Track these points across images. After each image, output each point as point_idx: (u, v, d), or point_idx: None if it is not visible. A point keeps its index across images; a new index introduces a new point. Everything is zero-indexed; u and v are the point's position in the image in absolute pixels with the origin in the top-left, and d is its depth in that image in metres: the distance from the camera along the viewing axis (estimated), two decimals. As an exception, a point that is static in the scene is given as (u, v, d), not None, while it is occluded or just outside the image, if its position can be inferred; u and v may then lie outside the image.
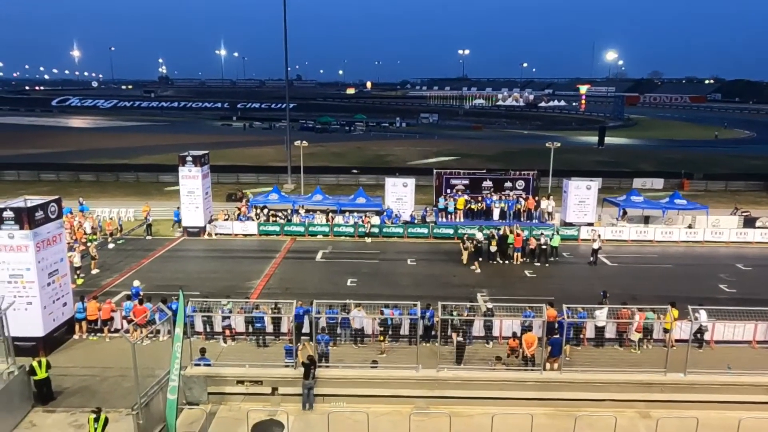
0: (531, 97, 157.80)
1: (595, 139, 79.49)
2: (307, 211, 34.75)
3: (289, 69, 49.40)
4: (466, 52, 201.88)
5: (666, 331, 18.47)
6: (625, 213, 34.24)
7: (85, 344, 19.11)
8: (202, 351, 16.35)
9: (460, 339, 17.63)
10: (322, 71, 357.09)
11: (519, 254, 28.16)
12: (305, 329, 18.47)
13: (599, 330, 19.12)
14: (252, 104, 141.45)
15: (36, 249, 17.53)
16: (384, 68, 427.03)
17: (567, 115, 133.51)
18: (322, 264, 28.34)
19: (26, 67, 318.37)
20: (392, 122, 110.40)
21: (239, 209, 34.25)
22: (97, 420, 12.93)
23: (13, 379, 14.66)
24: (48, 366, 15.44)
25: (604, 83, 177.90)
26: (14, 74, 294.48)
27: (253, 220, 33.11)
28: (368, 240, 31.90)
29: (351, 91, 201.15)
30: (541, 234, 28.83)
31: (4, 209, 17.29)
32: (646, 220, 34.58)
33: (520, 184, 36.12)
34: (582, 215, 33.43)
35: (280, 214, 34.04)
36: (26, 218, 17.23)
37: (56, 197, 19.06)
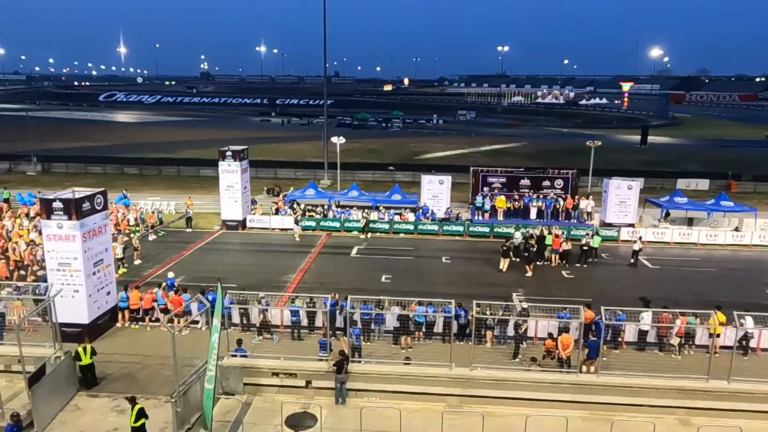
0: (571, 94, 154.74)
1: (637, 138, 77.55)
2: (343, 207, 34.99)
3: (327, 66, 49.77)
4: (506, 48, 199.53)
5: (711, 336, 17.89)
6: (668, 214, 33.30)
7: (127, 332, 19.72)
8: (239, 342, 16.65)
9: (521, 330, 17.93)
10: (359, 68, 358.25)
11: (556, 256, 27.65)
12: (339, 323, 18.65)
13: (641, 333, 18.66)
14: (290, 100, 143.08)
15: (83, 239, 18.15)
16: (422, 65, 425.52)
17: (608, 113, 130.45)
18: (357, 260, 28.50)
19: (75, 63, 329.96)
20: (429, 119, 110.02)
21: (276, 204, 34.71)
22: (132, 409, 13.32)
23: (60, 364, 15.21)
24: (93, 352, 15.97)
25: (648, 81, 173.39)
26: (64, 70, 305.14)
27: (290, 215, 33.48)
28: (367, 236, 31.82)
29: (388, 87, 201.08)
30: (587, 234, 28.32)
31: (54, 200, 17.95)
32: (690, 222, 33.54)
33: (559, 183, 35.50)
34: (623, 216, 32.66)
35: (317, 209, 34.36)
36: (74, 209, 17.85)
37: (102, 189, 19.69)
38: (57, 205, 17.90)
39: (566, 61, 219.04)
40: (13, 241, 25.86)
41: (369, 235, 31.99)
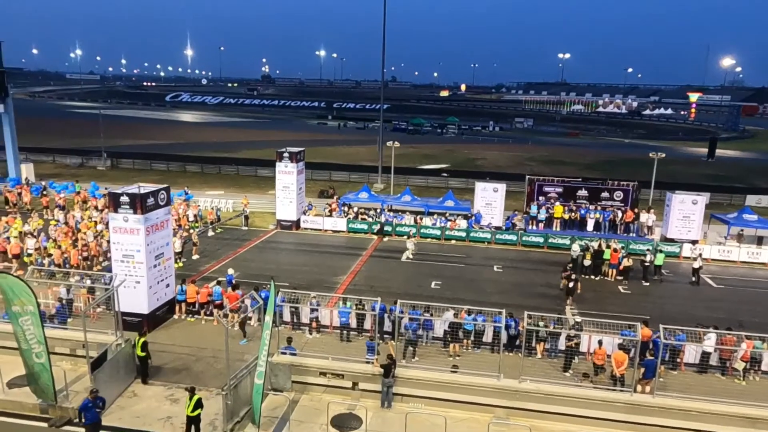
0: (634, 104, 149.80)
1: (704, 150, 74.34)
2: (395, 211, 35.10)
3: (384, 71, 50.14)
4: (567, 55, 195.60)
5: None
6: (741, 233, 31.36)
7: (183, 324, 20.39)
8: (289, 340, 16.95)
9: (571, 344, 17.49)
10: (416, 73, 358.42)
11: (614, 271, 26.65)
12: (387, 327, 18.68)
13: (704, 355, 17.76)
14: (347, 104, 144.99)
15: (146, 232, 18.92)
16: (480, 71, 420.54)
17: (674, 124, 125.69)
18: (407, 264, 28.48)
19: (145, 64, 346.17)
20: (485, 126, 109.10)
21: (330, 206, 35.19)
22: (191, 399, 13.73)
23: (120, 351, 15.90)
24: (143, 347, 16.16)
25: (718, 91, 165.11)
26: (135, 71, 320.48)
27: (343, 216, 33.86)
28: (386, 239, 31.83)
29: (445, 93, 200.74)
30: (648, 250, 27.30)
31: (121, 194, 18.81)
32: (760, 240, 31.77)
33: (618, 195, 34.39)
34: (685, 231, 31.31)
35: (370, 212, 34.62)
36: (139, 204, 18.65)
37: (165, 186, 20.44)
38: (124, 199, 18.73)
39: (630, 70, 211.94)
40: (82, 231, 27.27)
41: (386, 238, 32.26)
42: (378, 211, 34.85)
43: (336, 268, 27.01)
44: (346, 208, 34.80)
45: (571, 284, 23.02)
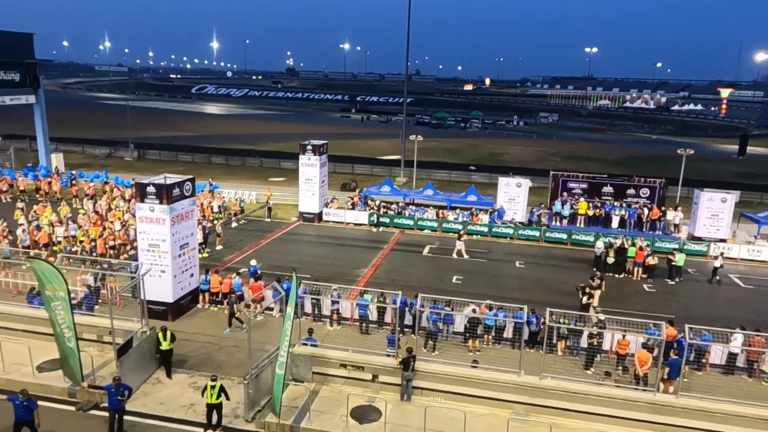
0: (663, 99, 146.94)
1: (735, 147, 72.62)
2: (417, 205, 35.04)
3: (408, 64, 49.96)
4: (594, 50, 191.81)
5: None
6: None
7: (207, 314, 20.70)
8: (310, 331, 17.07)
9: (593, 341, 17.32)
10: (441, 67, 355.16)
11: (639, 269, 26.16)
12: (407, 321, 18.71)
13: (730, 356, 17.42)
14: (371, 97, 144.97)
15: (171, 222, 19.22)
16: (505, 65, 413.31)
17: (704, 120, 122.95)
18: (428, 259, 28.45)
19: (172, 57, 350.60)
20: (509, 120, 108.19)
21: (352, 199, 35.28)
22: (213, 387, 13.94)
23: (146, 339, 16.21)
24: (158, 342, 16.29)
25: (750, 87, 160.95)
26: (162, 63, 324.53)
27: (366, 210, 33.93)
28: (375, 230, 32.31)
29: (469, 87, 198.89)
30: (675, 250, 26.80)
31: (148, 185, 19.12)
32: (792, 240, 30.97)
33: (645, 192, 33.82)
34: (714, 230, 30.66)
35: (392, 206, 34.63)
36: (165, 194, 18.94)
37: (190, 177, 20.72)
38: (150, 189, 19.04)
39: (659, 64, 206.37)
40: (109, 221, 27.80)
41: (381, 229, 32.64)
42: (400, 204, 34.85)
43: (357, 260, 27.10)
44: (370, 202, 34.88)
45: (585, 299, 20.82)
